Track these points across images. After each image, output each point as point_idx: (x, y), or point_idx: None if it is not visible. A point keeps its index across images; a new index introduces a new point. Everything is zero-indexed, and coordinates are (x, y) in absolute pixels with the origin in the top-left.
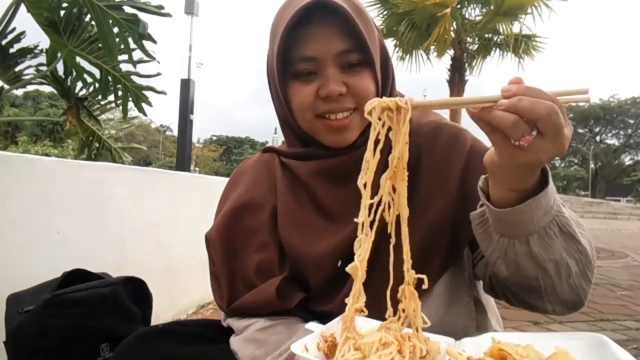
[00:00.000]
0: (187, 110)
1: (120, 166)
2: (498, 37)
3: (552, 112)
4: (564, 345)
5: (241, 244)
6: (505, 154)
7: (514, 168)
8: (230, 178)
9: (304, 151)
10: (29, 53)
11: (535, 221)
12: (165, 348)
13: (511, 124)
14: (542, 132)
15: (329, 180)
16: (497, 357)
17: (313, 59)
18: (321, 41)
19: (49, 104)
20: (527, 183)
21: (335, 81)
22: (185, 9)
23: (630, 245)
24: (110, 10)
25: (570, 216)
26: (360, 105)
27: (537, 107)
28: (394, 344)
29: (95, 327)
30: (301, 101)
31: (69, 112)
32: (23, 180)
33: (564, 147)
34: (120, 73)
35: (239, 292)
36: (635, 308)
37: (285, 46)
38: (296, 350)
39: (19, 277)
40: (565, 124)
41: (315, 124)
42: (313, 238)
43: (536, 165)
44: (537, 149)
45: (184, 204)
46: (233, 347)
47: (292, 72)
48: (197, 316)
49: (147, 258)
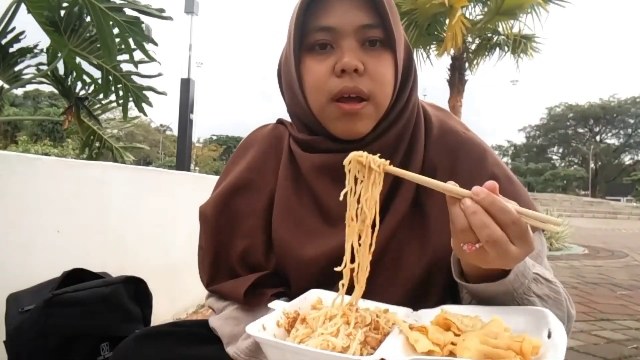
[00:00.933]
0: (187, 110)
1: (121, 166)
2: (498, 37)
3: (496, 241)
4: (508, 318)
5: (231, 226)
6: (455, 245)
7: (480, 261)
8: (239, 146)
9: (310, 139)
10: (29, 52)
11: (497, 299)
12: (163, 349)
13: (460, 229)
14: (509, 237)
15: (332, 178)
16: (442, 325)
17: (331, 29)
18: (341, 12)
19: (49, 104)
20: (484, 268)
21: (352, 55)
22: (185, 8)
23: (630, 245)
24: (111, 12)
25: (547, 294)
26: (374, 93)
27: (484, 230)
28: (338, 315)
29: (96, 326)
30: (315, 79)
31: (69, 111)
32: (23, 179)
33: (509, 266)
34: (120, 73)
35: (220, 274)
36: (635, 308)
37: (303, 19)
38: (251, 331)
39: (19, 276)
40: (520, 243)
41: (327, 109)
42: (306, 237)
43: (504, 261)
44: (480, 258)
45: (184, 203)
46: (212, 325)
47: (307, 45)
48: (197, 316)
49: (148, 257)
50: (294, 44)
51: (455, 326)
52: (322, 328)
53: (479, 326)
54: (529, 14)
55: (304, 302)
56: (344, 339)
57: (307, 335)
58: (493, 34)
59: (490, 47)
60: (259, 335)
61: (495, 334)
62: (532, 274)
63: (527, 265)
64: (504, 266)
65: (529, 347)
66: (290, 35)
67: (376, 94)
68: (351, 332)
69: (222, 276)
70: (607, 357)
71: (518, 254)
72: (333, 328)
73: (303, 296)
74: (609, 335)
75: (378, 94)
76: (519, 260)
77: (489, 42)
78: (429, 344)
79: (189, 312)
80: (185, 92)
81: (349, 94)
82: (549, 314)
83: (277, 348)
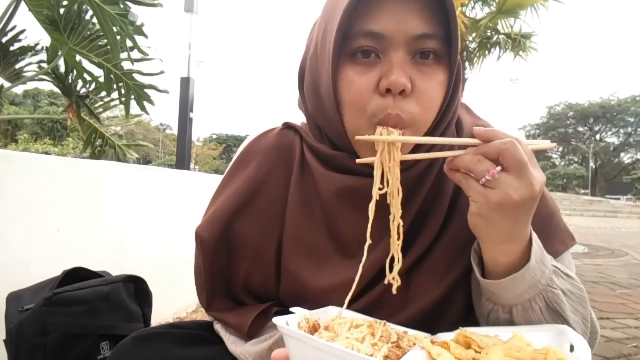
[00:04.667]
0: (187, 109)
1: (121, 164)
2: (497, 35)
3: (510, 145)
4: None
5: (232, 250)
6: (478, 199)
7: (491, 217)
8: (239, 155)
9: (334, 154)
10: (29, 51)
11: (518, 295)
12: (162, 350)
13: (475, 162)
14: (506, 167)
15: (353, 204)
16: (463, 343)
17: (380, 35)
18: (395, 16)
19: (49, 102)
20: (512, 244)
21: (401, 71)
22: (185, 6)
23: (630, 244)
24: (106, 5)
25: (570, 289)
26: (417, 119)
27: (495, 142)
28: (365, 324)
29: (95, 325)
30: (356, 94)
31: (69, 109)
32: (23, 178)
33: (533, 187)
34: (121, 71)
35: (220, 298)
36: (635, 306)
37: (349, 18)
38: (277, 321)
39: (19, 275)
40: (532, 164)
41: (364, 132)
42: (319, 268)
43: (510, 209)
44: (504, 185)
45: (184, 202)
46: (217, 328)
47: (347, 50)
48: (197, 315)
49: (147, 256)
50: (334, 47)
51: (475, 343)
52: (348, 333)
53: (499, 344)
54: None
55: (323, 314)
56: (369, 347)
57: (331, 339)
58: (493, 32)
59: (490, 45)
60: (285, 327)
61: (518, 348)
62: (551, 265)
63: (544, 255)
64: (528, 190)
65: (554, 358)
66: (329, 36)
67: (419, 121)
68: (377, 343)
69: (222, 300)
70: (606, 355)
71: (537, 175)
72: (359, 335)
73: (322, 309)
74: (609, 333)
75: (421, 121)
76: (539, 182)
77: (489, 41)
78: (451, 358)
79: (189, 311)
80: (185, 91)
81: (390, 124)
82: (568, 329)
83: (301, 342)
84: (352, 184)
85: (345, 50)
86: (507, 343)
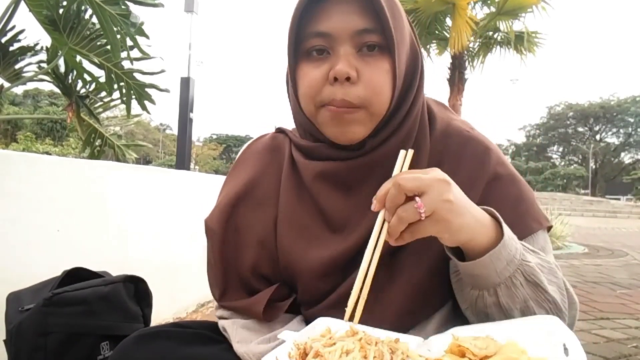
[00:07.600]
0: (187, 109)
1: (121, 164)
2: (499, 35)
3: (400, 181)
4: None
5: (239, 238)
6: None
7: (447, 220)
8: (238, 158)
9: (311, 146)
10: (29, 51)
11: (499, 273)
12: (164, 349)
13: (401, 214)
14: (417, 193)
15: (333, 186)
16: (457, 353)
17: (327, 34)
18: (338, 17)
19: (49, 102)
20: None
21: (346, 61)
22: (185, 7)
23: (630, 244)
24: (107, 5)
25: (540, 263)
26: (368, 101)
27: (387, 196)
28: (356, 349)
29: (96, 325)
30: (308, 85)
31: (69, 108)
32: (24, 178)
33: (438, 175)
34: (122, 71)
35: (232, 287)
36: (635, 307)
37: (300, 22)
38: None
39: (19, 275)
40: (422, 173)
41: (318, 114)
42: (311, 245)
43: (451, 206)
44: (433, 203)
45: (184, 202)
46: (222, 325)
47: (303, 50)
48: (197, 315)
49: (148, 256)
50: (289, 49)
51: (470, 352)
52: None
53: (492, 346)
54: (529, 12)
55: (312, 331)
56: None
57: None
58: (494, 32)
59: (490, 45)
60: None
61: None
62: (519, 242)
63: (511, 233)
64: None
65: None
66: (287, 41)
67: (371, 103)
68: None
69: (235, 289)
70: (607, 356)
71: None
72: None
73: (311, 325)
74: (609, 334)
75: (373, 102)
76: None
77: (490, 41)
78: None
79: (189, 311)
80: (185, 91)
81: (338, 105)
82: (557, 322)
83: None
84: (327, 168)
85: (302, 51)
86: (501, 353)
